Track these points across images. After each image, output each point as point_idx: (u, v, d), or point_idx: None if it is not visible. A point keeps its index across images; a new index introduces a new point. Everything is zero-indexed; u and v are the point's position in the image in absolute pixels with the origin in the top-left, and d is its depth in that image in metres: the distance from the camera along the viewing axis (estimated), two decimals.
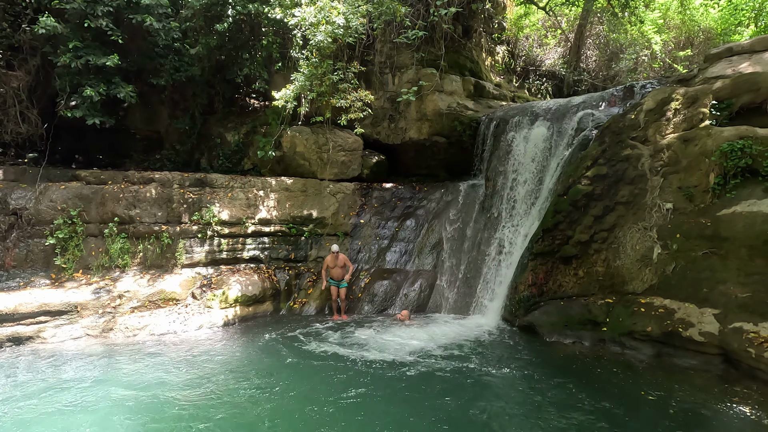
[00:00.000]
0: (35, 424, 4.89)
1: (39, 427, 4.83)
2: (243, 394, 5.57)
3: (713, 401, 5.38)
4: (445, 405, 5.32)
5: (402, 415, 5.09)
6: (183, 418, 5.00)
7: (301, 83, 9.77)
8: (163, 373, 6.20)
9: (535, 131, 10.01)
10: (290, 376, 6.14)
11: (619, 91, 10.22)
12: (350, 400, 5.45)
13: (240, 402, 5.38)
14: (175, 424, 4.87)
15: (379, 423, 4.90)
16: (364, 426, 4.88)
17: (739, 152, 6.79)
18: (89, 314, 7.84)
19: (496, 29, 15.41)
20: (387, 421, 4.93)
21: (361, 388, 5.73)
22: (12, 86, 9.78)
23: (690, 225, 7.11)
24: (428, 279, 9.95)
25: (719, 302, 6.45)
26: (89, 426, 4.83)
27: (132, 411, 5.14)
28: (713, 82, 7.88)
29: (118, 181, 9.39)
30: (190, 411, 5.15)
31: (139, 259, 8.94)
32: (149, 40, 10.28)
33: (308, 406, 5.25)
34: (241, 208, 9.79)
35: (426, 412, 5.13)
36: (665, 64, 15.79)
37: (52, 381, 5.92)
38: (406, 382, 5.95)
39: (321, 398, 5.46)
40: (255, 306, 9.18)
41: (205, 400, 5.41)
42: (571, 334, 7.60)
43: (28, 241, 8.43)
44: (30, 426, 4.85)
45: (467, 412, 5.16)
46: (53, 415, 5.07)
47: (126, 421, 4.94)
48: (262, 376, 6.13)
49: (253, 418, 5.00)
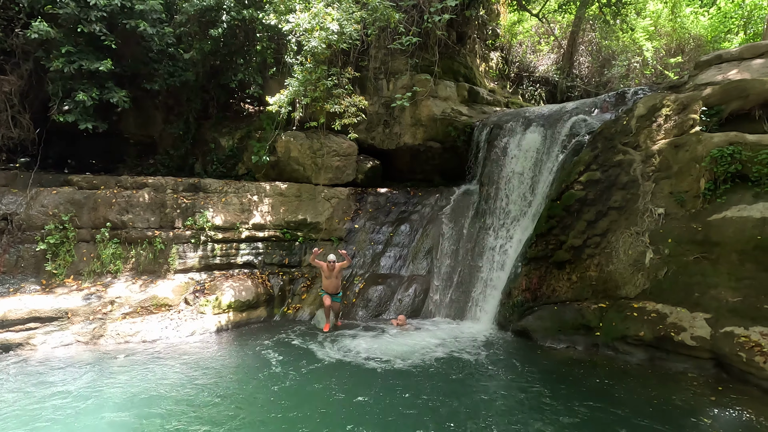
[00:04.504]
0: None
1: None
2: (235, 400, 5.52)
3: (705, 405, 5.39)
4: (438, 408, 5.30)
5: (396, 418, 5.06)
6: (172, 427, 4.94)
7: (295, 88, 9.79)
8: (153, 383, 6.13)
9: (529, 137, 10.08)
10: (283, 383, 6.09)
11: (611, 97, 10.32)
12: (344, 405, 5.42)
13: (233, 409, 5.32)
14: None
15: (373, 428, 4.87)
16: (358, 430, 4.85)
17: (729, 158, 6.87)
18: (80, 320, 7.75)
19: (490, 36, 15.55)
20: (381, 425, 4.90)
21: (355, 394, 5.69)
22: (4, 91, 9.71)
23: (681, 230, 7.17)
24: (423, 284, 9.95)
25: (711, 307, 6.49)
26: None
27: (121, 422, 5.08)
28: (703, 88, 7.98)
29: (110, 186, 9.33)
30: (181, 421, 5.09)
31: (131, 265, 8.87)
32: (143, 45, 10.27)
33: (302, 412, 5.21)
34: (235, 213, 9.75)
35: (419, 416, 5.10)
36: (656, 70, 15.99)
37: (41, 389, 5.83)
38: (400, 386, 5.92)
39: (314, 404, 5.42)
40: (248, 312, 9.12)
41: (197, 409, 5.35)
42: (565, 338, 7.61)
43: (18, 247, 8.33)
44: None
45: (460, 415, 5.14)
46: (41, 423, 4.99)
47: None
48: (254, 384, 6.08)
49: (246, 425, 4.95)
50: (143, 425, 4.95)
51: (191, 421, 5.05)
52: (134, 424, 4.97)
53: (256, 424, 4.98)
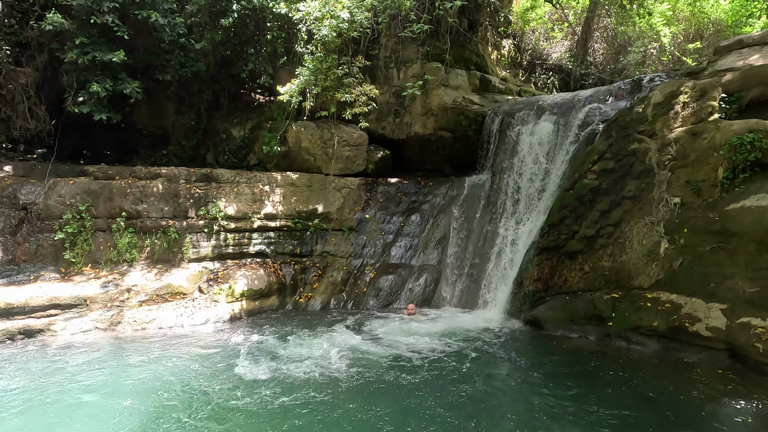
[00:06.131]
0: (43, 415, 4.98)
1: (50, 419, 4.93)
2: (251, 385, 5.63)
3: (720, 395, 5.35)
4: (448, 394, 5.35)
5: (406, 404, 5.12)
6: (189, 412, 5.06)
7: (305, 78, 9.77)
8: (170, 368, 6.28)
9: (541, 126, 9.94)
10: (297, 370, 6.18)
11: (626, 84, 10.11)
12: (355, 391, 5.49)
13: (249, 392, 5.44)
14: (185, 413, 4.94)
15: (384, 413, 4.94)
16: (367, 415, 4.92)
17: (749, 146, 6.71)
18: (98, 308, 7.95)
19: (502, 23, 15.26)
20: (393, 411, 4.97)
21: (367, 379, 5.76)
22: (20, 82, 9.87)
23: (697, 220, 7.05)
24: (433, 274, 9.96)
25: (727, 297, 6.40)
26: (97, 416, 4.92)
27: (139, 406, 5.22)
28: (723, 74, 7.78)
29: (125, 176, 9.47)
30: (202, 407, 5.22)
31: (146, 254, 9.03)
32: (155, 36, 10.32)
33: (316, 396, 5.30)
34: (246, 203, 9.84)
35: (430, 402, 5.16)
36: (674, 57, 15.59)
37: (63, 374, 6.02)
38: (411, 373, 5.98)
39: (328, 388, 5.51)
40: (261, 300, 9.25)
41: (213, 395, 5.48)
42: (577, 328, 7.59)
43: (37, 236, 8.53)
44: (41, 418, 4.95)
45: (471, 403, 5.19)
46: (63, 404, 5.17)
47: (135, 416, 5.01)
48: (266, 369, 6.19)
49: (261, 409, 5.06)
50: (161, 410, 5.08)
51: (203, 406, 5.17)
52: (152, 409, 5.11)
53: (274, 411, 5.07)
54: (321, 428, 4.72)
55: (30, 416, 4.95)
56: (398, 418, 4.89)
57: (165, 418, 4.91)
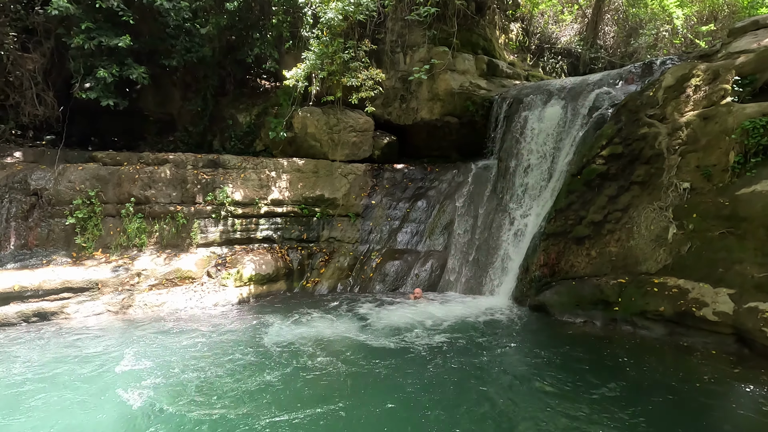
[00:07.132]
0: (61, 395, 5.12)
1: (68, 396, 5.07)
2: (263, 368, 5.74)
3: (727, 379, 5.37)
4: (453, 378, 5.42)
5: (411, 387, 5.20)
6: (205, 397, 5.18)
7: (311, 62, 9.71)
8: (181, 351, 6.40)
9: (549, 110, 9.83)
10: (304, 352, 6.29)
11: (637, 68, 9.93)
12: (361, 373, 5.58)
13: (259, 375, 5.55)
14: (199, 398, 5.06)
15: (389, 396, 5.02)
16: (371, 397, 5.01)
17: (762, 130, 6.59)
18: (109, 291, 8.09)
19: (511, 5, 14.99)
20: (397, 395, 5.05)
21: (372, 362, 5.85)
22: (28, 68, 9.91)
23: (707, 205, 6.98)
24: (439, 259, 10.00)
25: (735, 282, 6.37)
26: (112, 401, 5.06)
27: (153, 387, 5.35)
28: (736, 57, 7.61)
29: (133, 162, 9.54)
30: (215, 389, 5.34)
31: (155, 239, 9.14)
32: (160, 21, 10.27)
33: (323, 379, 5.40)
34: (253, 188, 9.89)
35: (435, 386, 5.23)
36: (687, 39, 15.24)
37: (78, 355, 6.17)
38: (416, 356, 6.06)
39: (335, 371, 5.60)
40: (269, 285, 9.36)
41: (228, 378, 5.59)
42: (583, 313, 7.61)
43: (49, 221, 8.66)
44: (59, 399, 5.09)
45: (476, 386, 5.25)
46: (76, 385, 5.31)
47: (150, 401, 5.14)
48: (276, 352, 6.29)
49: (275, 392, 5.17)
50: (175, 390, 5.21)
51: (216, 386, 5.28)
52: (166, 390, 5.23)
53: (285, 391, 5.18)
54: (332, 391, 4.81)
55: (54, 392, 5.09)
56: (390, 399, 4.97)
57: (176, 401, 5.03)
